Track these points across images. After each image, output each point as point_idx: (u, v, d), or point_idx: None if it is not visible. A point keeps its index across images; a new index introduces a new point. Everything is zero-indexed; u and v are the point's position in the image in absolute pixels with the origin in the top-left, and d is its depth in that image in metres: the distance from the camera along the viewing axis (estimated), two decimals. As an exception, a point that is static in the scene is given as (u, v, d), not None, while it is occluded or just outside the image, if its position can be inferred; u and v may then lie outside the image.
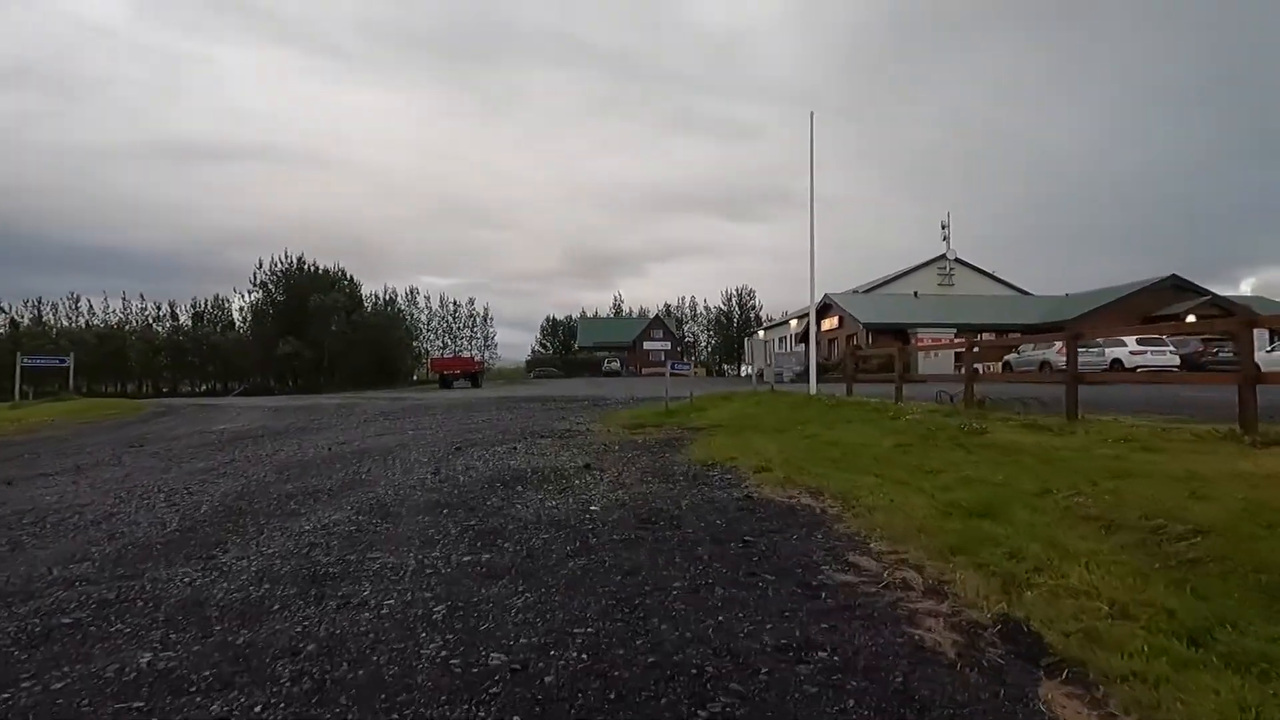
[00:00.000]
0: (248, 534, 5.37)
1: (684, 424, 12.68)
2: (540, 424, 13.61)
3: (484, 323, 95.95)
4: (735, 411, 13.61)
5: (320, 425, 14.30)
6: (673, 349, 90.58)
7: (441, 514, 5.83)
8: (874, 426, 9.36)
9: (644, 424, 12.86)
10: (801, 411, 12.23)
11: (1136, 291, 35.01)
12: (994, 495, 5.10)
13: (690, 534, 5.01)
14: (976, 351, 13.76)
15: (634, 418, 13.79)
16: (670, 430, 12.03)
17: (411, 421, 14.49)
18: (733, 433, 10.99)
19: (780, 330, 65.52)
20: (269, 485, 7.50)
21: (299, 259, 58.44)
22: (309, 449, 10.37)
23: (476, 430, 12.66)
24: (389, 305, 72.87)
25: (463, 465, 8.45)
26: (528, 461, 8.65)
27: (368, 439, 11.54)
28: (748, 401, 14.96)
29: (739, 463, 8.09)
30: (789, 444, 9.08)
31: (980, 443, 6.97)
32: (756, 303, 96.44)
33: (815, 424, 10.45)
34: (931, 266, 47.27)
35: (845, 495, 5.96)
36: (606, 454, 9.33)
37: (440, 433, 12.34)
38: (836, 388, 21.34)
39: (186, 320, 78.81)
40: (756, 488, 6.62)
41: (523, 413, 16.65)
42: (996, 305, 41.70)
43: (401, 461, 8.90)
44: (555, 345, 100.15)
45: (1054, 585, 3.62)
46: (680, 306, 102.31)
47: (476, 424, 13.92)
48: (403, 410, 17.76)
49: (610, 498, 6.35)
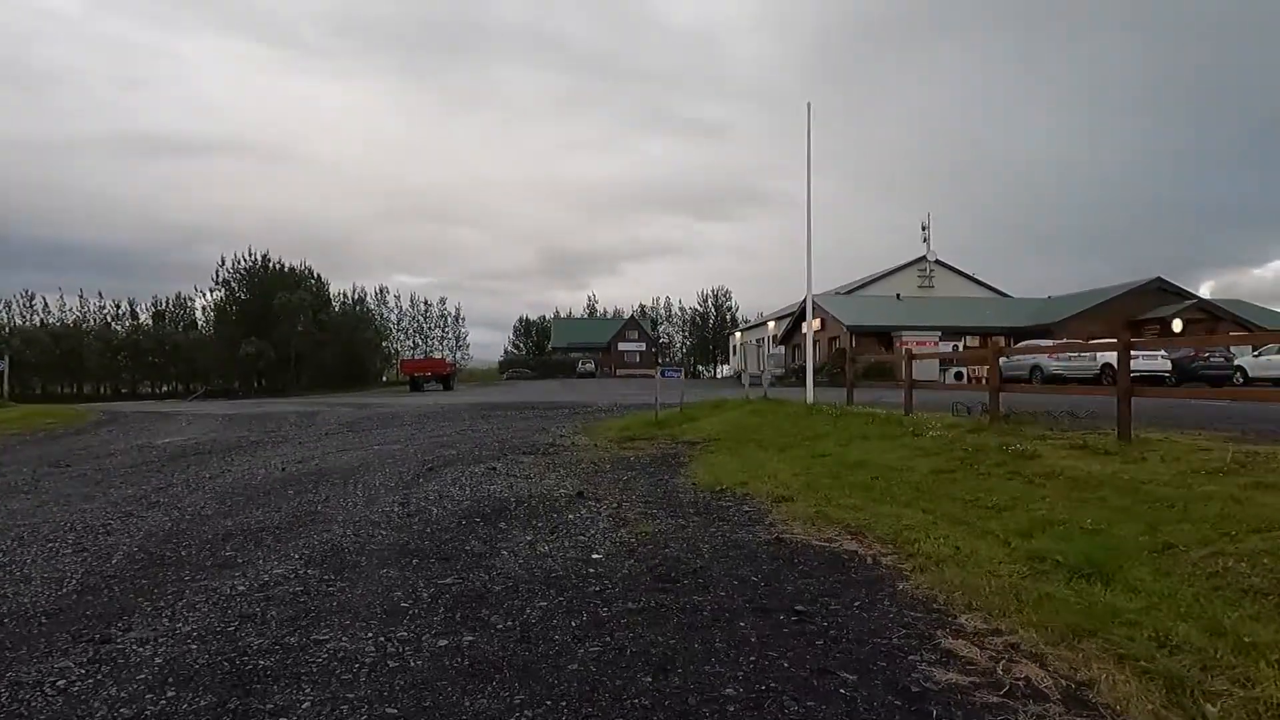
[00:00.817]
0: (163, 598, 4.25)
1: (677, 436, 11.69)
2: (520, 436, 12.53)
3: (456, 322, 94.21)
4: (731, 422, 12.65)
5: (276, 438, 13.05)
6: (648, 350, 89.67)
7: (410, 565, 4.76)
8: (896, 444, 8.43)
9: (634, 436, 11.85)
10: (805, 423, 11.30)
11: (1121, 294, 34.74)
12: (1093, 547, 4.16)
13: (724, 598, 4.01)
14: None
15: (622, 429, 12.77)
16: (663, 444, 11.03)
17: (378, 434, 13.32)
18: (734, 449, 10.02)
19: (758, 331, 64.89)
20: (205, 520, 6.34)
21: (263, 256, 56.51)
22: (259, 470, 9.18)
23: (450, 444, 11.54)
24: (358, 305, 70.99)
25: (435, 492, 7.35)
26: (510, 487, 7.58)
27: (328, 456, 10.37)
28: (742, 410, 14.01)
29: (752, 489, 7.11)
30: (804, 465, 8.12)
31: (1038, 470, 6.05)
32: (733, 303, 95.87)
33: (827, 440, 9.51)
34: (912, 268, 46.78)
35: (896, 539, 5.00)
36: (598, 476, 8.30)
37: (410, 448, 11.20)
38: (824, 393, 20.50)
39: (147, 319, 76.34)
40: (784, 525, 5.64)
41: (500, 422, 15.54)
42: (980, 308, 41.28)
43: (364, 487, 7.78)
44: (528, 346, 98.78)
45: (1244, 697, 2.68)
46: (655, 307, 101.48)
47: (450, 436, 12.79)
48: (369, 419, 16.53)
49: (614, 540, 5.32)
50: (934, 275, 46.40)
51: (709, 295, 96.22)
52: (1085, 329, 31.71)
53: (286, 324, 51.47)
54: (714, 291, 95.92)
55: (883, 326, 35.15)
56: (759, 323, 68.10)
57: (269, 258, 56.60)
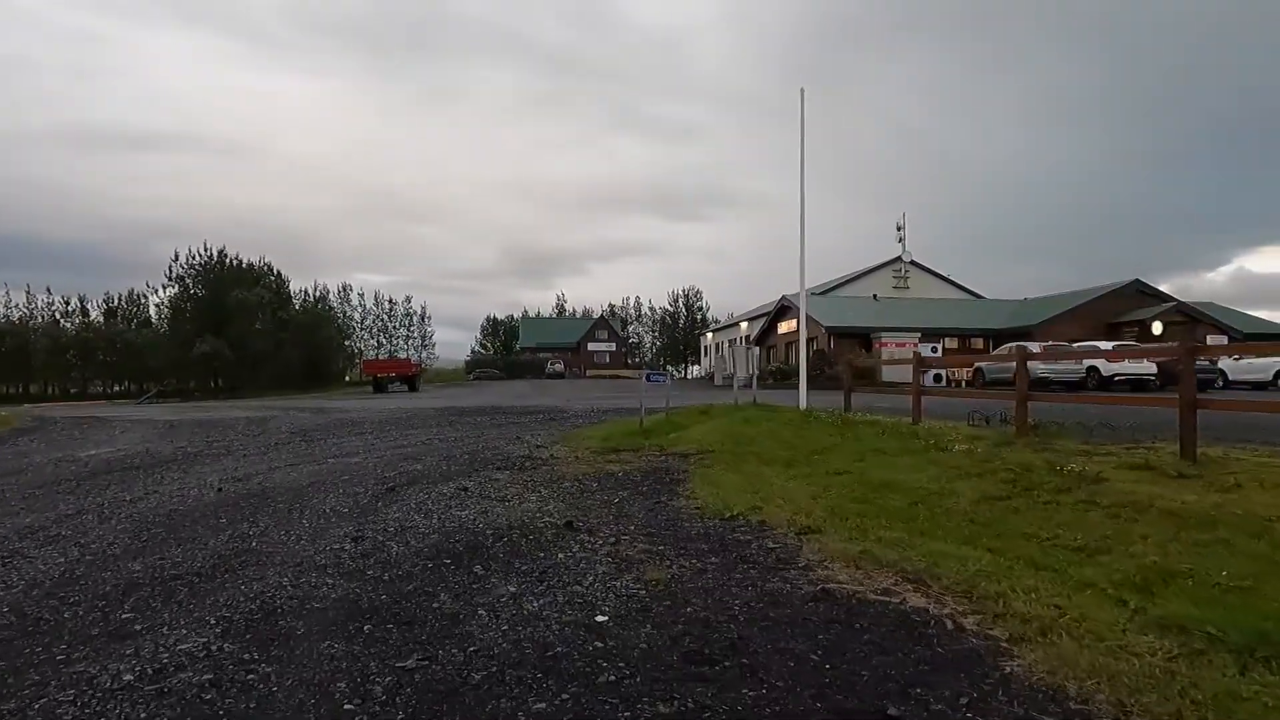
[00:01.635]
0: (17, 696, 3.11)
1: (666, 447, 10.67)
2: (493, 446, 11.41)
3: (422, 321, 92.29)
4: (722, 431, 11.67)
5: (219, 449, 11.75)
6: (618, 350, 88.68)
7: (361, 634, 3.67)
8: (921, 460, 7.51)
9: (618, 447, 10.80)
10: (807, 433, 10.37)
11: (1099, 297, 34.54)
12: (1257, 616, 3.22)
13: (783, 691, 2.99)
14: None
15: (604, 438, 11.70)
16: (652, 456, 10.00)
17: (334, 443, 12.08)
18: (733, 463, 9.03)
19: (730, 332, 64.25)
20: (109, 563, 5.16)
21: (220, 252, 54.09)
22: (191, 490, 7.95)
23: (414, 456, 10.38)
24: (319, 302, 68.80)
25: (396, 521, 6.23)
26: (485, 513, 6.49)
27: (275, 472, 9.15)
28: (732, 418, 13.05)
29: (769, 516, 6.12)
30: (820, 485, 7.15)
31: (1117, 500, 5.14)
32: (704, 304, 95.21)
33: (838, 454, 8.56)
34: (887, 269, 46.43)
35: (971, 590, 4.03)
36: (586, 497, 7.25)
37: (369, 460, 10.02)
38: (809, 397, 19.64)
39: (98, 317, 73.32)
40: (824, 569, 4.64)
41: (470, 429, 14.38)
42: (958, 309, 40.95)
43: (312, 514, 6.63)
44: (496, 346, 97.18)
45: None
46: (625, 307, 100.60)
47: (414, 447, 11.62)
48: (326, 426, 15.23)
49: (619, 591, 4.28)
50: (909, 276, 46.09)
51: (680, 295, 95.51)
52: (1065, 331, 31.42)
53: (243, 322, 49.37)
54: (685, 291, 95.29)
55: (861, 328, 34.55)
56: (730, 323, 67.51)
57: (226, 253, 54.32)
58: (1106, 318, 33.31)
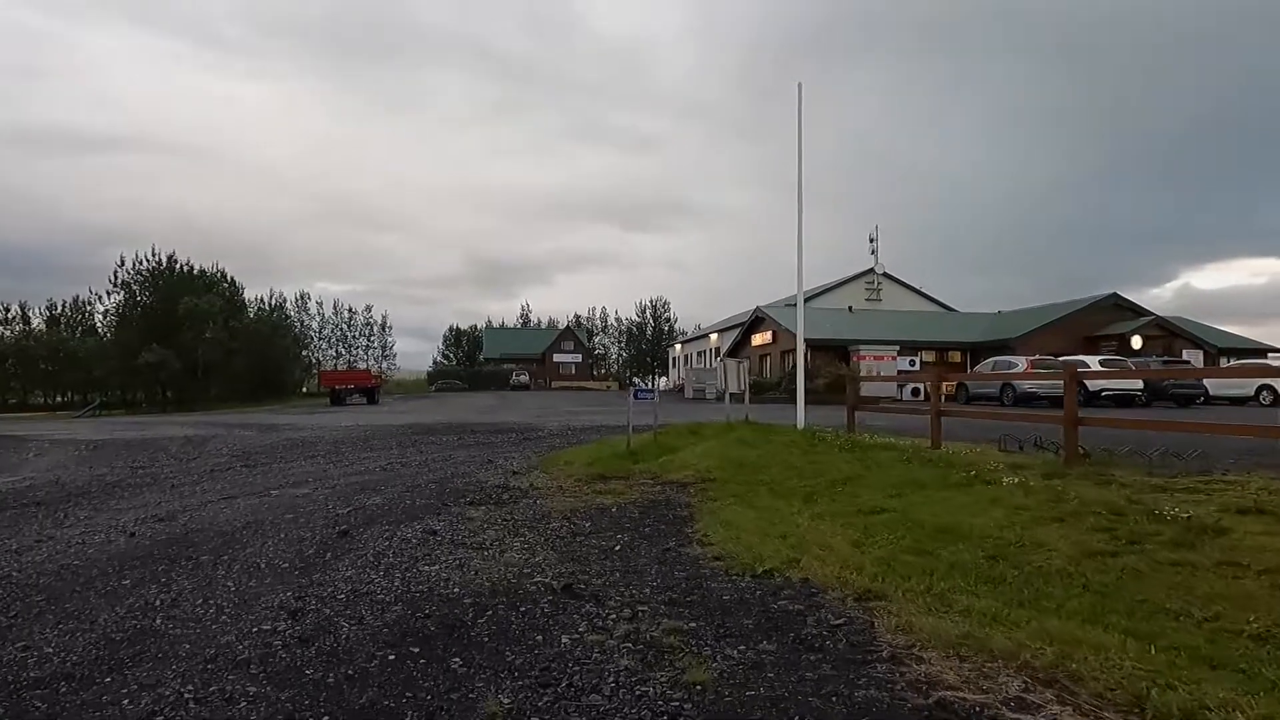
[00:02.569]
0: None
1: (659, 474, 9.52)
2: (463, 473, 10.11)
3: (382, 331, 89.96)
4: (719, 454, 10.54)
5: (144, 477, 10.24)
6: (584, 361, 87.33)
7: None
8: (972, 496, 6.47)
9: (606, 474, 9.60)
10: (818, 458, 9.29)
11: (1078, 310, 34.25)
12: None
13: None
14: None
15: (588, 463, 10.49)
16: (645, 485, 8.84)
17: (280, 470, 10.65)
18: (743, 495, 7.90)
19: (699, 344, 63.39)
20: (-52, 658, 3.83)
21: (169, 257, 51.61)
22: (98, 535, 6.55)
23: (374, 486, 9.06)
24: (275, 311, 66.37)
25: (348, 582, 4.96)
26: (461, 569, 5.26)
27: (205, 508, 7.77)
28: (726, 438, 11.93)
29: (809, 570, 5.01)
30: (858, 528, 6.05)
31: (1264, 561, 4.11)
32: (671, 315, 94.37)
33: (864, 486, 7.48)
34: (859, 281, 45.94)
35: (1138, 700, 2.95)
36: (581, 544, 6.05)
37: (320, 492, 8.67)
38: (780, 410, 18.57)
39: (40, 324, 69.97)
40: (914, 659, 3.52)
41: (436, 451, 13.04)
42: (933, 322, 40.49)
43: (243, 570, 5.32)
44: (459, 356, 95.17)
45: None
46: (591, 317, 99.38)
47: (373, 475, 10.27)
48: (273, 448, 13.72)
49: (656, 709, 3.09)
50: (882, 288, 45.69)
51: (647, 306, 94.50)
52: (1046, 344, 31.02)
53: (193, 331, 46.98)
54: (652, 302, 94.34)
55: (838, 340, 33.75)
56: (699, 335, 66.69)
57: (175, 259, 51.87)
58: (1085, 331, 33.02)
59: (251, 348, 52.25)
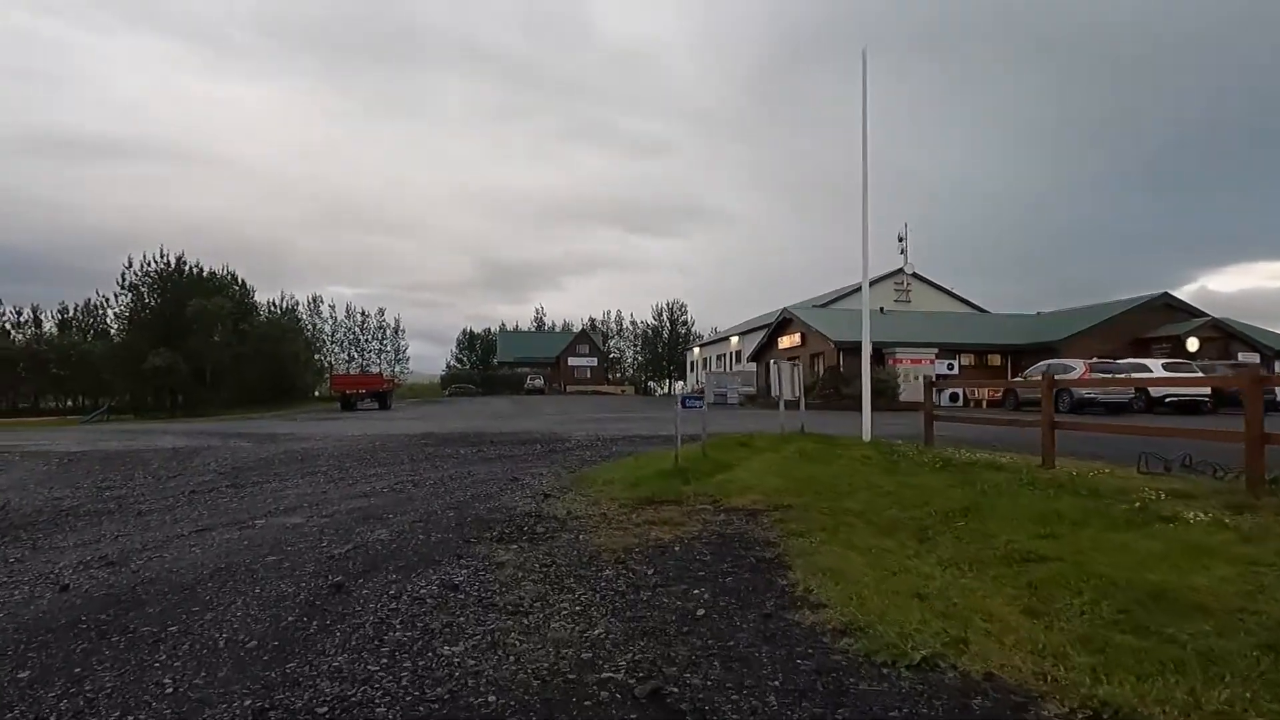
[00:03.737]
0: None
1: (719, 498, 7.99)
2: (486, 495, 8.61)
3: (395, 335, 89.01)
4: (783, 471, 9.01)
5: (109, 501, 8.73)
6: (599, 365, 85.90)
7: None
8: (1154, 540, 4.92)
9: (654, 497, 8.08)
10: (907, 479, 7.76)
11: (1126, 311, 32.39)
12: None
13: None
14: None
15: (631, 482, 8.94)
16: (705, 512, 7.31)
17: (273, 491, 9.17)
18: (830, 527, 6.35)
19: (719, 347, 61.79)
20: None
21: (178, 259, 50.64)
22: (21, 587, 5.08)
23: (378, 514, 7.57)
24: (286, 314, 65.34)
25: (334, 685, 3.46)
26: (494, 652, 3.75)
27: (169, 546, 6.29)
28: (784, 451, 10.41)
29: (992, 659, 3.48)
30: (1017, 583, 4.49)
31: None
32: (689, 318, 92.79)
33: (992, 520, 5.92)
34: (888, 281, 44.19)
35: None
36: (652, 608, 4.53)
37: (313, 524, 7.17)
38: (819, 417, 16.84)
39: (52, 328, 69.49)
40: None
41: (453, 466, 11.55)
42: (970, 324, 38.62)
43: (190, 655, 3.83)
44: (473, 360, 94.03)
45: None
46: (606, 321, 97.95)
47: (379, 497, 8.79)
48: (268, 462, 12.25)
49: None
50: (911, 289, 43.97)
51: (664, 309, 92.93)
52: (1093, 347, 29.26)
53: (201, 334, 45.91)
54: (669, 305, 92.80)
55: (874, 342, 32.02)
56: (718, 338, 65.12)
57: (184, 260, 50.88)
58: (1134, 332, 31.17)
59: (262, 351, 51.22)
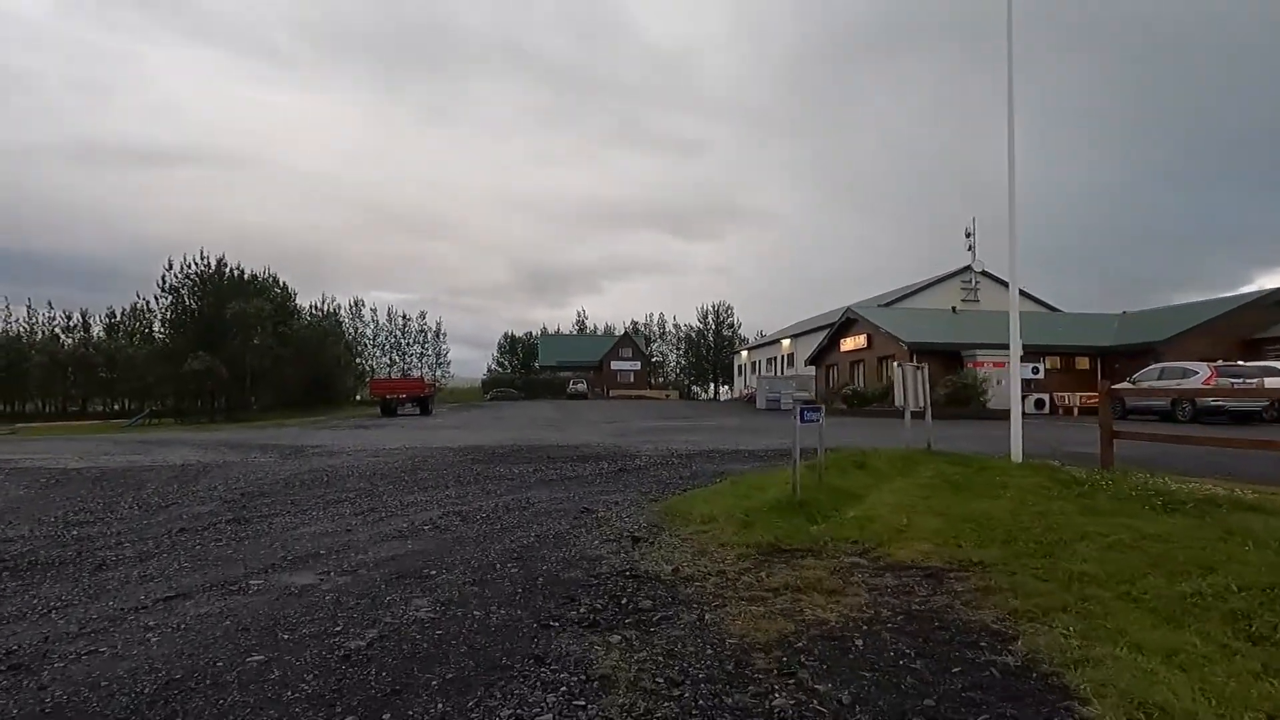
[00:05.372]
0: None
1: (868, 545, 5.90)
2: (553, 538, 6.60)
3: (436, 338, 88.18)
4: (932, 504, 6.90)
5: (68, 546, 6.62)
6: (642, 369, 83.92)
7: None
8: None
9: (780, 544, 6.01)
10: (1126, 520, 5.59)
11: (1233, 310, 29.32)
12: None
13: None
14: None
15: (740, 519, 6.83)
16: (862, 572, 5.22)
17: (283, 529, 7.23)
18: (1074, 604, 4.21)
19: (769, 350, 59.36)
20: None
21: (219, 261, 49.89)
22: None
23: (415, 569, 5.61)
24: (328, 317, 64.62)
25: None
26: None
27: (115, 626, 4.39)
28: (920, 477, 8.28)
29: None
30: None
31: None
32: (735, 320, 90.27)
33: None
34: (954, 280, 41.49)
35: None
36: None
37: (326, 585, 5.23)
38: (885, 429, 14.54)
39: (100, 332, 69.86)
40: None
41: (507, 490, 9.60)
42: (1049, 324, 35.58)
43: None
44: (514, 364, 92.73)
45: None
46: (649, 324, 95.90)
47: (419, 541, 6.85)
48: (287, 484, 10.36)
49: None
50: (979, 288, 41.12)
51: (709, 311, 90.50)
52: (1195, 348, 26.38)
53: (241, 337, 45.03)
54: (714, 307, 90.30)
55: (948, 344, 29.54)
56: (768, 340, 62.64)
57: (225, 263, 50.15)
58: (1242, 333, 28.13)
59: (302, 354, 50.31)
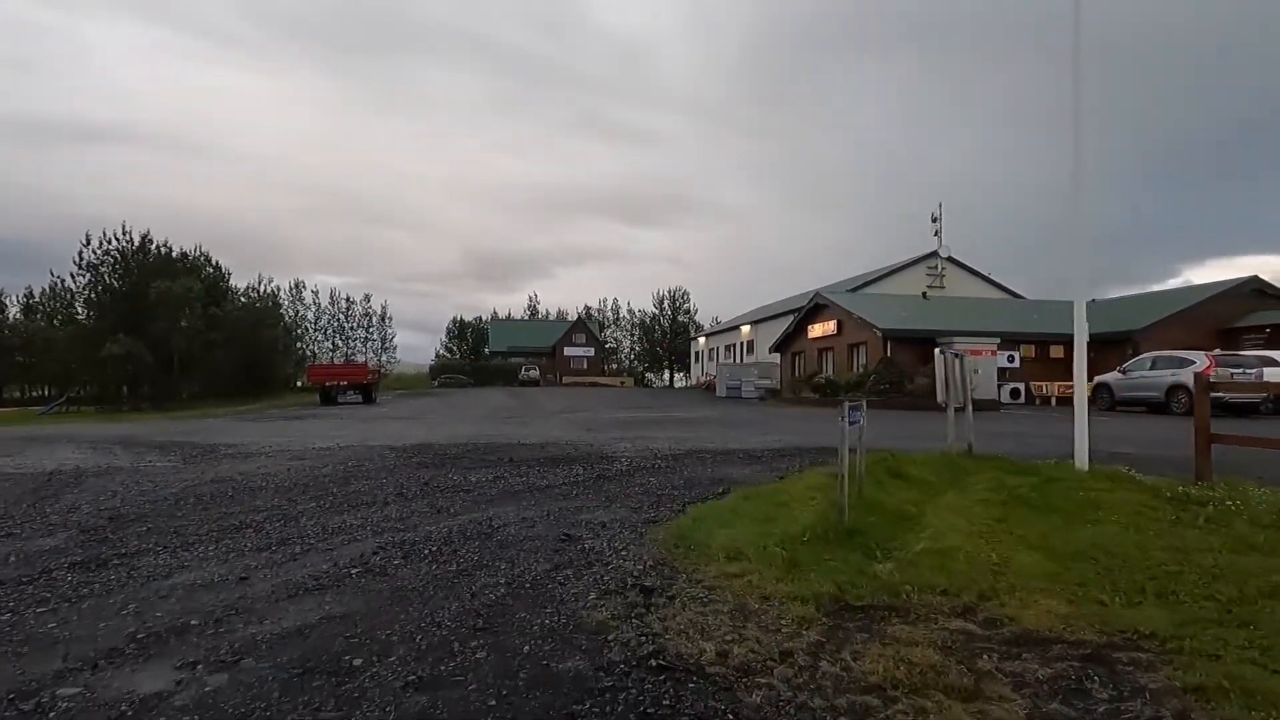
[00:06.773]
0: None
1: (969, 601, 4.29)
2: (529, 588, 4.82)
3: (382, 323, 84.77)
4: (1019, 533, 5.36)
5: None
6: (596, 355, 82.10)
7: None
8: None
9: (846, 600, 4.35)
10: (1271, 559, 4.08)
11: (1211, 298, 28.93)
12: None
13: None
14: None
15: (779, 560, 5.14)
16: (990, 651, 3.58)
17: (147, 577, 5.18)
18: None
19: (729, 337, 58.09)
20: None
21: (143, 237, 46.14)
22: None
23: (328, 659, 3.80)
24: (266, 299, 60.92)
25: None
26: None
27: None
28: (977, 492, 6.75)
29: None
30: None
31: None
32: (691, 306, 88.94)
33: None
34: (920, 265, 40.67)
35: None
36: None
37: (186, 665, 3.40)
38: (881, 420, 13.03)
39: (17, 313, 64.75)
40: None
41: (465, 510, 7.73)
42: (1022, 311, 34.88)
43: None
44: (464, 349, 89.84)
45: None
46: (602, 310, 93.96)
47: (341, 592, 5.00)
48: (176, 504, 8.18)
49: None
50: (945, 275, 40.38)
51: (664, 297, 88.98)
52: (1173, 337, 25.83)
53: (167, 318, 41.71)
54: (670, 293, 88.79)
55: (923, 331, 28.42)
56: (727, 327, 61.34)
57: (150, 239, 46.46)
58: (1221, 322, 27.79)
59: (236, 338, 47.04)
